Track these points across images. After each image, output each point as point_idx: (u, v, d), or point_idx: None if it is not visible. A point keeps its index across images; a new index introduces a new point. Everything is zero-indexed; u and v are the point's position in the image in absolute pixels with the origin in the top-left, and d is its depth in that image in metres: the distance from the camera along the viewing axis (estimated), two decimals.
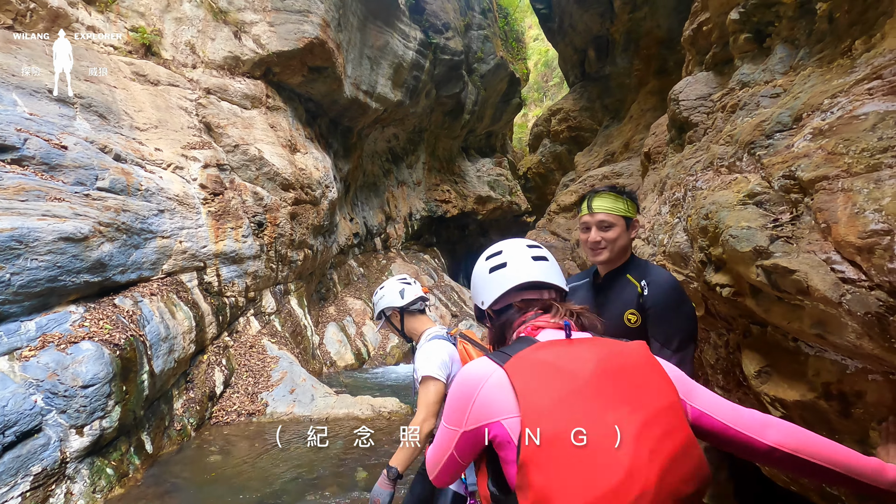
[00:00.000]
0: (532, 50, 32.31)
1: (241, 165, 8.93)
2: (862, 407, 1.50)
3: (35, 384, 4.16)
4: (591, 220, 1.85)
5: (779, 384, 1.78)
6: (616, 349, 1.09)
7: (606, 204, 1.85)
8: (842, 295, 1.36)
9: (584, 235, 1.89)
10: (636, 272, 1.85)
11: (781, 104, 2.08)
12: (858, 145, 1.49)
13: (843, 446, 1.11)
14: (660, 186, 3.54)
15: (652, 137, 5.35)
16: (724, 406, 1.11)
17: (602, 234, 1.83)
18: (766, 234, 1.72)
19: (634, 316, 1.76)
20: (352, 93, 12.57)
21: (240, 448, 5.87)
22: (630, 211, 1.87)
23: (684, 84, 3.42)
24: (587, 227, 1.87)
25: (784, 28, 2.46)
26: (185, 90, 8.77)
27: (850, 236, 1.36)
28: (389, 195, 17.36)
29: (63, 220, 5.08)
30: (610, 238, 1.83)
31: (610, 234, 1.83)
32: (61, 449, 4.09)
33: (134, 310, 5.67)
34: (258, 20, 10.01)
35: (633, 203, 1.90)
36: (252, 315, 8.62)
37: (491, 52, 18.58)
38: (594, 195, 1.89)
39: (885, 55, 1.70)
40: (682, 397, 1.06)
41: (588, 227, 1.87)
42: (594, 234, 1.84)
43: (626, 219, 1.86)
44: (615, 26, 10.22)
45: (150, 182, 6.79)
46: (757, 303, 1.81)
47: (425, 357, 2.28)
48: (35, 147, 5.40)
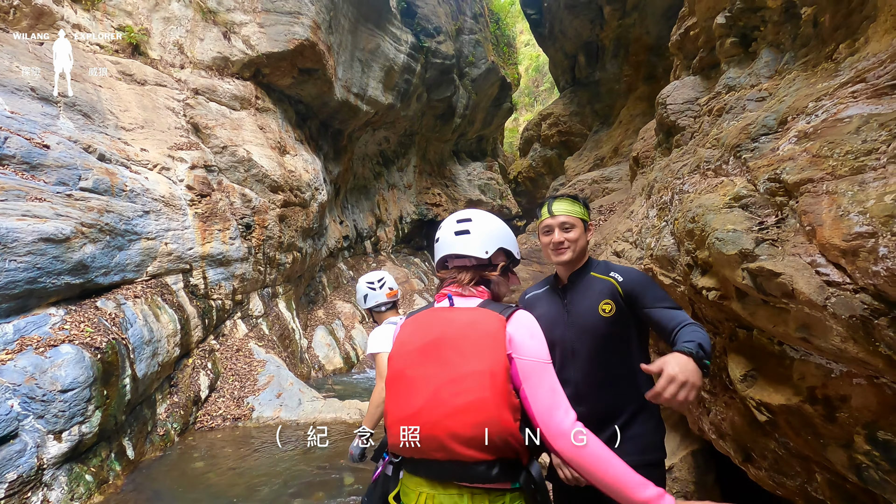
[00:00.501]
0: (523, 55, 32.47)
1: (230, 167, 8.84)
2: (847, 411, 1.49)
3: (12, 388, 4.05)
4: (554, 223, 1.95)
5: (764, 388, 1.76)
6: (464, 319, 1.46)
7: (566, 207, 1.96)
8: (826, 298, 1.35)
9: (546, 238, 1.98)
10: (599, 269, 1.94)
11: (767, 108, 2.08)
12: (843, 148, 1.49)
13: (615, 463, 1.29)
14: (647, 190, 3.54)
15: (640, 142, 5.37)
16: (536, 392, 1.36)
17: (565, 234, 1.93)
18: (751, 236, 1.71)
19: (609, 305, 1.83)
20: (342, 95, 12.52)
21: (225, 453, 5.76)
22: (586, 214, 2.00)
23: (672, 88, 3.42)
24: (549, 230, 1.97)
25: (770, 32, 2.47)
26: (173, 90, 8.66)
27: (835, 239, 1.36)
28: (380, 198, 17.29)
29: (44, 220, 4.98)
30: (572, 238, 1.92)
31: (571, 235, 1.93)
32: (38, 455, 3.98)
33: (117, 312, 5.56)
34: (248, 21, 9.94)
35: (587, 208, 2.04)
36: (239, 318, 8.51)
37: (482, 57, 18.63)
38: (553, 200, 2.01)
39: (869, 59, 1.70)
40: (511, 371, 1.37)
41: (550, 230, 1.97)
42: (557, 236, 1.93)
43: (583, 221, 1.97)
44: (605, 32, 10.30)
45: (135, 183, 6.68)
46: (743, 306, 1.80)
47: (370, 339, 2.70)
48: (16, 146, 5.29)
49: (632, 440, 1.76)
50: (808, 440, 1.64)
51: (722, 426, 2.42)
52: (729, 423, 2.33)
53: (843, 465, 1.53)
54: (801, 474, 1.98)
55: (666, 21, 8.22)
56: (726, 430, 2.40)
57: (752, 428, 2.16)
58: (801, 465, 1.95)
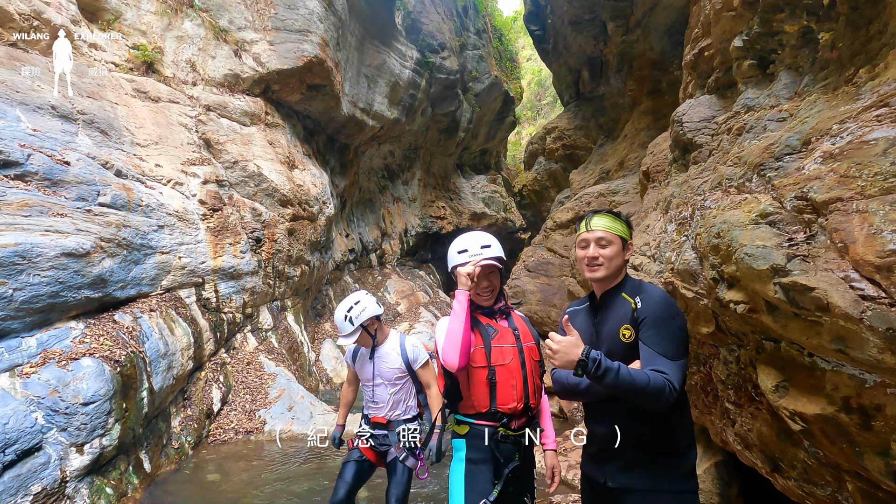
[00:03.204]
0: (525, 69, 32.90)
1: (240, 181, 8.95)
2: (882, 419, 1.56)
3: (36, 401, 4.10)
4: (590, 237, 1.91)
5: (797, 398, 1.83)
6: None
7: (605, 222, 1.92)
8: (862, 311, 1.43)
9: (581, 252, 1.96)
10: (630, 290, 1.89)
11: (789, 128, 2.17)
12: (871, 169, 1.57)
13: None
14: (664, 205, 3.63)
15: (650, 157, 5.47)
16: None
17: (600, 250, 1.89)
18: (782, 252, 1.78)
19: (629, 331, 1.80)
20: (349, 110, 12.70)
21: (238, 467, 5.77)
22: (626, 233, 1.94)
23: (687, 106, 3.53)
24: (585, 244, 1.94)
25: (787, 56, 2.57)
26: (186, 107, 8.81)
27: (869, 255, 1.43)
28: (385, 211, 17.41)
29: (65, 235, 5.06)
30: (607, 255, 1.88)
31: (607, 252, 1.89)
32: (61, 468, 4.01)
33: (133, 326, 5.62)
34: (258, 39, 10.13)
35: (629, 226, 1.98)
36: (249, 331, 8.56)
37: (485, 72, 18.90)
38: (593, 214, 1.98)
39: (890, 84, 1.79)
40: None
41: (586, 244, 1.93)
42: (592, 251, 1.90)
43: (622, 239, 1.92)
44: (608, 48, 10.48)
45: (150, 198, 6.78)
46: (773, 319, 1.86)
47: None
48: (38, 163, 5.39)
49: (651, 465, 1.75)
50: (844, 448, 1.70)
51: (748, 437, 2.47)
52: (756, 433, 2.39)
53: (881, 471, 1.58)
54: (831, 483, 2.03)
55: (669, 37, 8.38)
56: (753, 440, 2.45)
57: (780, 438, 2.21)
58: (831, 474, 2.00)
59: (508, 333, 2.15)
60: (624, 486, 1.78)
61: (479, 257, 2.13)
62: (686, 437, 1.80)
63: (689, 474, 1.80)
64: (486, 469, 2.02)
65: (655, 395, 1.60)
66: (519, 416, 2.11)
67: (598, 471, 1.89)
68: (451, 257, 2.24)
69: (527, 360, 2.15)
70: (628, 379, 1.60)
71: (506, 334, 2.14)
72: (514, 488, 2.05)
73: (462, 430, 2.09)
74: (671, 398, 1.62)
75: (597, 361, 1.60)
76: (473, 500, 1.94)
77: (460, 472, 2.04)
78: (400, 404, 3.23)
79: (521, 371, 2.11)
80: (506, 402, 2.05)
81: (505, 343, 2.12)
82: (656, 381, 1.61)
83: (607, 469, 1.84)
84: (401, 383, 3.20)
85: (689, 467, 1.80)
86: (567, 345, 1.65)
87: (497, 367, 2.07)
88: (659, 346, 1.72)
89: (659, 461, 1.77)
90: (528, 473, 2.18)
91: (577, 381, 1.85)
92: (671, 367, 1.67)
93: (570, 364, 1.64)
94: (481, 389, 2.05)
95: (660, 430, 1.77)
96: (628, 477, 1.78)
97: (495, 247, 2.19)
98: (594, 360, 1.60)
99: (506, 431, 2.06)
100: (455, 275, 2.20)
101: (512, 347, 2.12)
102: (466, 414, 2.10)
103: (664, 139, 5.30)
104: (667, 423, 1.76)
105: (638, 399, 1.64)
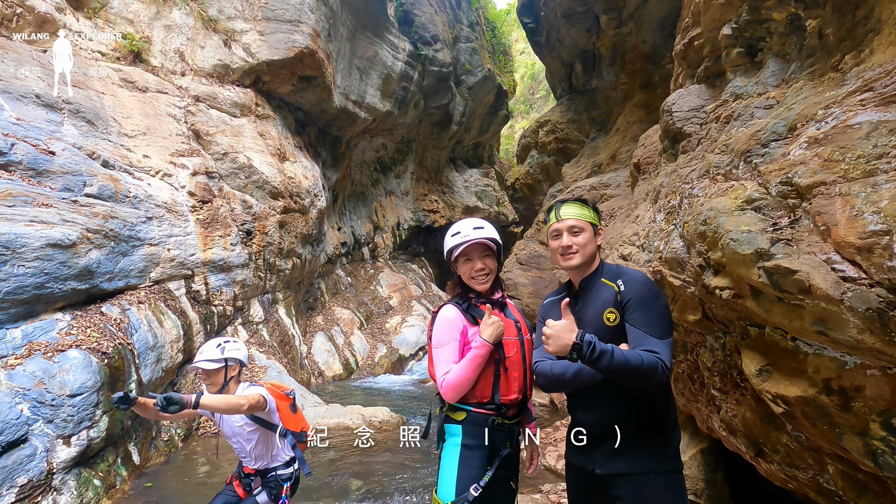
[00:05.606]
0: (519, 63, 32.82)
1: (230, 173, 8.88)
2: (861, 400, 1.57)
3: (21, 393, 4.06)
4: (562, 227, 1.94)
5: (780, 381, 1.84)
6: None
7: (575, 210, 1.95)
8: (843, 293, 1.44)
9: (554, 243, 1.97)
10: (609, 275, 1.92)
11: (775, 115, 2.18)
12: (854, 152, 1.58)
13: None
14: (653, 195, 3.63)
15: (641, 149, 5.48)
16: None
17: (573, 238, 1.91)
18: (766, 237, 1.79)
19: (613, 314, 1.82)
20: (341, 102, 12.61)
21: (229, 458, 5.74)
22: (595, 219, 1.98)
23: (677, 96, 3.53)
24: (557, 234, 1.96)
25: (775, 43, 2.57)
26: (174, 97, 8.71)
27: (850, 237, 1.44)
28: (377, 205, 17.36)
29: (51, 226, 4.99)
30: (580, 242, 1.91)
31: (580, 239, 1.91)
32: (48, 459, 3.98)
33: (122, 318, 5.57)
34: (248, 29, 10.02)
35: (597, 212, 2.01)
36: (240, 324, 8.52)
37: (479, 65, 18.82)
38: (561, 203, 1.99)
39: (875, 69, 1.80)
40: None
41: (558, 234, 1.95)
42: (566, 240, 1.92)
43: (592, 225, 1.95)
44: (601, 41, 10.46)
45: (138, 189, 6.71)
46: (758, 304, 1.87)
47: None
48: (22, 152, 5.31)
49: (640, 449, 1.77)
50: (824, 430, 1.72)
51: (733, 423, 2.50)
52: (740, 419, 2.41)
53: (859, 451, 1.60)
54: (813, 466, 2.05)
55: (662, 30, 8.37)
56: (737, 426, 2.47)
57: (763, 423, 2.24)
58: (813, 457, 2.02)
59: (511, 326, 2.13)
60: (613, 471, 1.79)
61: (471, 239, 2.11)
62: (671, 417, 1.83)
63: (675, 454, 1.83)
64: (479, 455, 2.02)
65: (649, 375, 1.62)
66: (516, 406, 2.12)
67: (585, 459, 1.90)
68: (446, 242, 2.23)
69: (527, 353, 2.14)
70: (623, 360, 1.60)
71: (510, 326, 2.12)
72: (502, 473, 2.06)
73: (458, 417, 2.09)
74: (664, 377, 1.64)
75: (591, 345, 1.60)
76: (465, 484, 1.95)
77: (455, 456, 2.04)
78: (265, 456, 2.97)
79: (523, 363, 2.11)
80: (508, 393, 2.05)
81: (510, 336, 2.11)
82: (649, 360, 1.63)
83: (595, 456, 1.85)
84: (255, 437, 2.90)
85: (674, 447, 1.83)
86: (561, 329, 1.66)
87: (505, 360, 2.07)
88: (647, 326, 1.74)
89: (647, 444, 1.79)
90: (515, 459, 2.19)
91: (562, 371, 1.85)
92: (661, 346, 1.69)
93: (563, 348, 1.64)
94: (487, 381, 2.05)
95: (646, 414, 1.79)
96: (617, 462, 1.79)
97: (488, 229, 2.18)
98: (589, 342, 1.61)
99: (502, 420, 2.07)
100: (452, 263, 2.20)
101: (515, 340, 2.12)
102: (465, 402, 2.10)
103: (655, 131, 5.30)
104: (653, 406, 1.78)
105: (632, 380, 1.65)
